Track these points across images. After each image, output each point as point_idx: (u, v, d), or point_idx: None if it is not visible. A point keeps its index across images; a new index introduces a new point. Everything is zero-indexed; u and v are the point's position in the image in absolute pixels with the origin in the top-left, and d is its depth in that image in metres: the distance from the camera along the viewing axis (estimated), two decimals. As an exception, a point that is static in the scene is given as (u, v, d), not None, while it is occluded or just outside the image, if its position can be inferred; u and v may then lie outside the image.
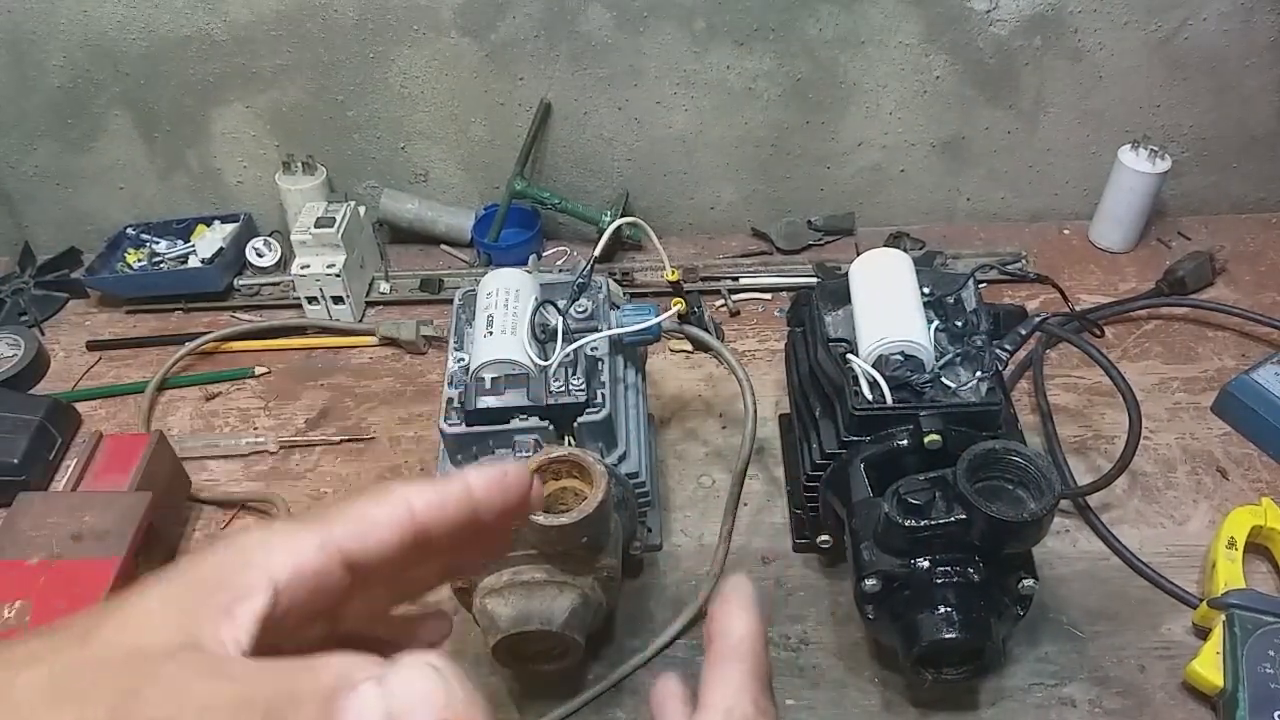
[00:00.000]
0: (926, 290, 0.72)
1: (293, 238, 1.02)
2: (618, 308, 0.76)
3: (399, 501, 0.32)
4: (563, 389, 0.68)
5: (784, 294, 1.05)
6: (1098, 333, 0.95)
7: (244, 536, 0.31)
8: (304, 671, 0.27)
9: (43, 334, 1.07)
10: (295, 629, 0.30)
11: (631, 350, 0.77)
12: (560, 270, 1.07)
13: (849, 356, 0.67)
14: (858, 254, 0.74)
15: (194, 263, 1.09)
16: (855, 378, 0.66)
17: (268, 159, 1.11)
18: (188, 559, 0.31)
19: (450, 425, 0.67)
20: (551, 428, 0.67)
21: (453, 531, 0.33)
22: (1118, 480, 0.73)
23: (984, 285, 0.97)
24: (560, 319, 0.71)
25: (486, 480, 0.34)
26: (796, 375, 0.77)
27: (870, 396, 0.65)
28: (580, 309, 0.73)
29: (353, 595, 0.32)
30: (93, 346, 1.04)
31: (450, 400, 0.69)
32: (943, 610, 0.61)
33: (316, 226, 1.01)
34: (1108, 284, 1.04)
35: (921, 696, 0.68)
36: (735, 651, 0.34)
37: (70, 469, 0.79)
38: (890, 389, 0.65)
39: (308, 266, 1.01)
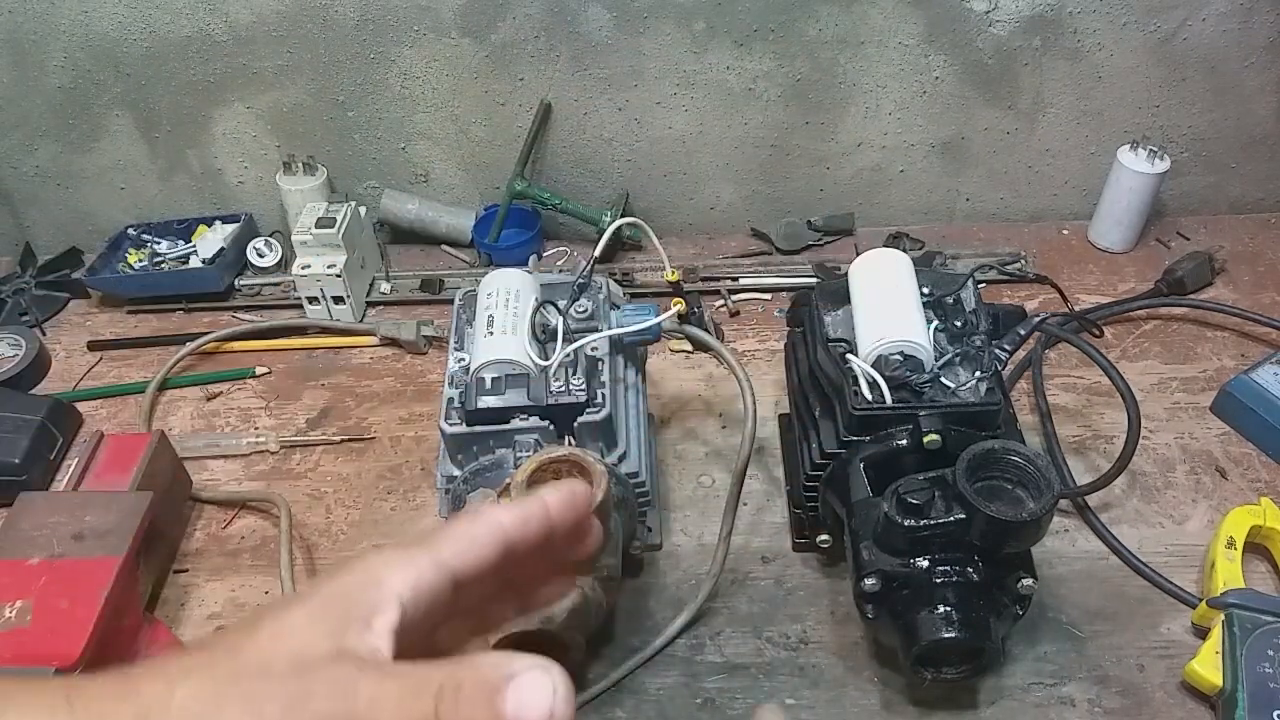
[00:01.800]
0: (926, 290, 0.72)
1: (293, 238, 1.02)
2: (618, 308, 0.76)
3: (491, 521, 0.36)
4: (563, 389, 0.68)
5: (784, 294, 1.05)
6: (1097, 333, 0.95)
7: (369, 559, 0.35)
8: (463, 666, 0.31)
9: (44, 334, 1.07)
10: (410, 645, 0.33)
11: (631, 350, 0.77)
12: (560, 270, 1.07)
13: (848, 356, 0.68)
14: (857, 254, 0.74)
15: (195, 263, 1.09)
16: (855, 378, 0.66)
17: (268, 159, 1.11)
18: (319, 580, 0.35)
19: (451, 425, 0.68)
20: (551, 428, 0.67)
21: (534, 549, 0.37)
22: (1117, 480, 0.73)
23: (983, 285, 0.98)
24: (560, 319, 0.71)
25: (559, 498, 0.38)
26: (796, 375, 0.77)
27: (870, 396, 0.65)
28: (580, 309, 0.73)
29: (449, 618, 0.36)
30: (94, 346, 1.05)
31: (451, 400, 0.69)
32: (942, 610, 0.61)
33: (317, 227, 1.01)
34: (1107, 284, 1.04)
35: (921, 695, 0.68)
36: None
37: (71, 469, 0.79)
38: (890, 389, 0.65)
39: (308, 267, 1.02)
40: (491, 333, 0.70)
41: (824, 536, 0.73)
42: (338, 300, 1.03)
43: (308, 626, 0.33)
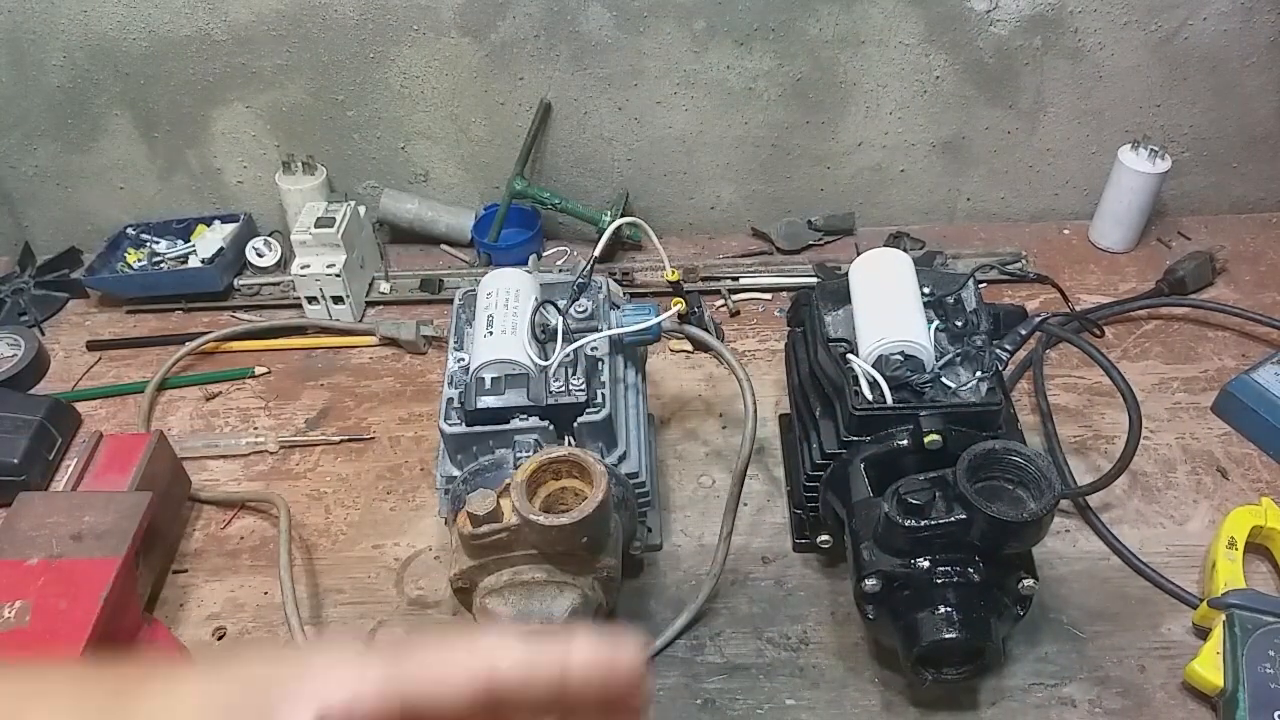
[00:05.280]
0: (926, 290, 0.72)
1: (293, 238, 1.02)
2: (618, 308, 0.76)
3: (483, 657, 0.27)
4: (563, 389, 0.68)
5: (784, 294, 1.05)
6: (1098, 333, 0.95)
7: (310, 649, 0.29)
8: None
9: (43, 334, 1.07)
10: None
11: (631, 350, 0.77)
12: (560, 270, 1.07)
13: (849, 356, 0.67)
14: (858, 254, 0.73)
15: (194, 263, 1.09)
16: (855, 378, 0.66)
17: (268, 159, 1.11)
18: (242, 655, 0.29)
19: (450, 425, 0.67)
20: (551, 428, 0.67)
21: (534, 709, 0.27)
22: (1118, 480, 0.73)
23: (984, 285, 0.98)
24: (560, 319, 0.71)
25: (592, 656, 0.27)
26: (796, 375, 0.77)
27: (870, 396, 0.65)
28: (580, 309, 0.73)
29: None
30: (93, 346, 1.04)
31: (450, 400, 0.69)
32: (943, 610, 0.61)
33: (316, 226, 1.01)
34: (1108, 284, 1.04)
35: (921, 696, 0.68)
36: None
37: (70, 469, 0.79)
38: (890, 389, 0.65)
39: (308, 266, 1.01)
40: (491, 333, 0.70)
41: (824, 537, 0.73)
42: (337, 300, 1.03)
43: (196, 709, 0.27)
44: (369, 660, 0.27)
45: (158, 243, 1.11)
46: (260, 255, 1.09)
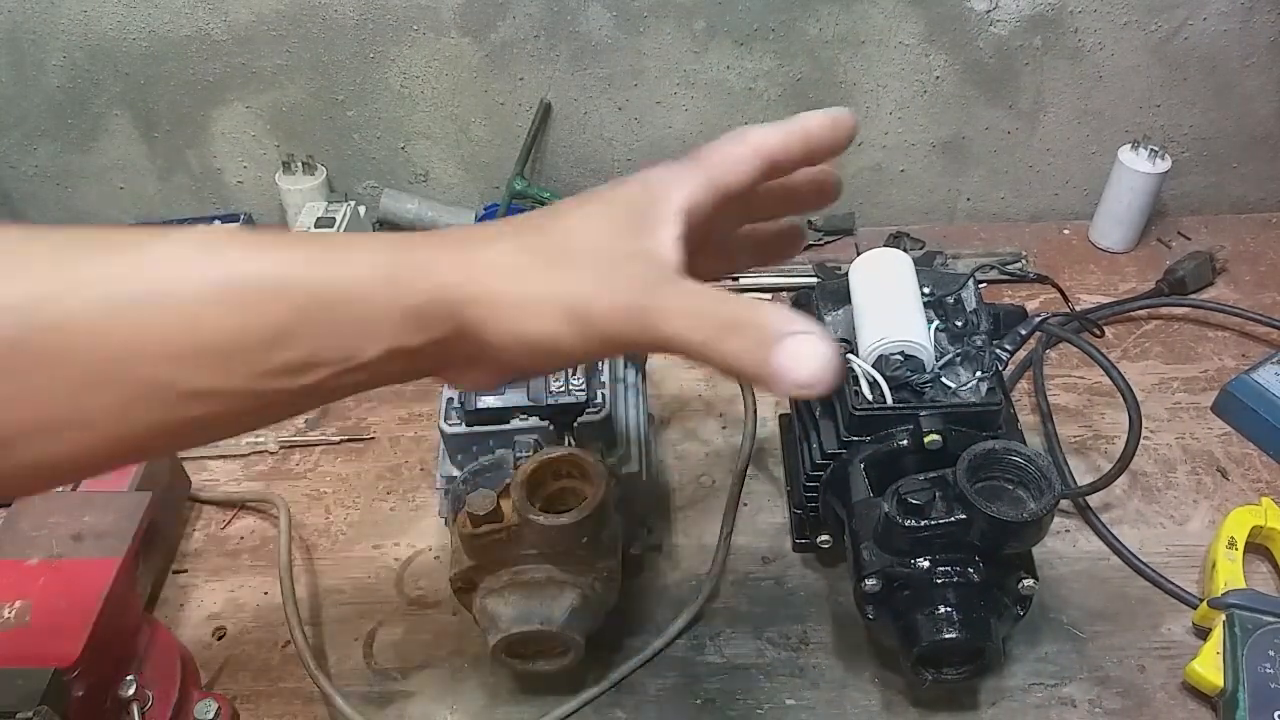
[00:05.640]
0: (926, 290, 0.71)
1: (293, 238, 1.02)
2: (618, 308, 0.76)
3: (755, 142, 0.40)
4: (562, 389, 0.68)
5: (784, 294, 1.05)
6: (1098, 333, 0.95)
7: (647, 175, 0.39)
8: (748, 306, 0.34)
9: (43, 334, 1.06)
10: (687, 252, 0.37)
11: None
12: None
13: (849, 356, 0.67)
14: (858, 254, 0.73)
15: (194, 263, 1.08)
16: (855, 377, 0.66)
17: (268, 159, 1.11)
18: (602, 190, 0.39)
19: (450, 425, 0.67)
20: (551, 427, 0.67)
21: (791, 165, 0.41)
22: (1118, 480, 0.73)
23: (984, 285, 0.98)
24: (560, 319, 0.71)
25: (820, 120, 0.41)
26: (796, 375, 0.77)
27: (870, 396, 0.65)
28: (580, 309, 0.73)
29: (703, 247, 0.40)
30: (93, 346, 1.04)
31: (450, 400, 0.69)
32: (943, 610, 0.61)
33: (317, 226, 1.01)
34: (1108, 284, 1.04)
35: (921, 697, 0.68)
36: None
37: (70, 469, 0.79)
38: (890, 389, 0.65)
39: (308, 266, 1.01)
40: (491, 333, 0.70)
41: (824, 537, 0.73)
42: (337, 300, 1.02)
43: (607, 224, 0.37)
44: (690, 170, 0.39)
45: (158, 243, 1.11)
46: (260, 255, 1.09)
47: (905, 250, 0.75)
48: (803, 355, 0.32)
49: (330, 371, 0.35)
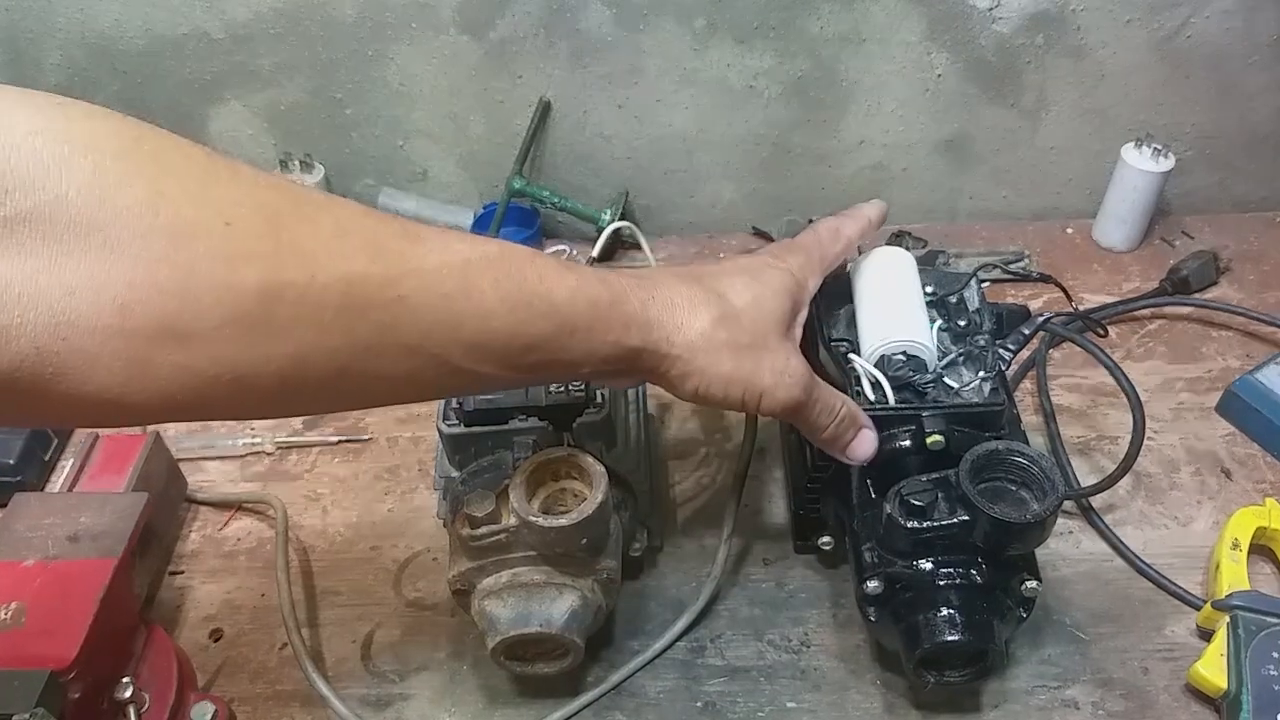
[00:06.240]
0: (929, 290, 0.71)
1: (291, 237, 1.02)
2: (617, 307, 0.75)
3: (851, 238, 0.64)
4: (561, 389, 0.67)
5: (785, 293, 1.04)
6: (1101, 332, 0.94)
7: (789, 267, 0.57)
8: (847, 402, 0.57)
9: (40, 333, 1.06)
10: None
11: (631, 350, 0.77)
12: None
13: (851, 356, 0.67)
14: (859, 253, 0.73)
15: (192, 262, 1.08)
16: (857, 378, 0.66)
17: (266, 157, 1.11)
18: (764, 276, 0.56)
19: (449, 426, 0.67)
20: (551, 427, 0.67)
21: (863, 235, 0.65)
22: (1121, 481, 0.72)
23: (987, 285, 0.97)
24: (559, 318, 0.70)
25: (878, 211, 0.67)
26: (797, 375, 0.76)
27: (872, 397, 0.65)
28: (580, 308, 0.73)
29: None
30: (90, 346, 1.04)
31: (448, 400, 0.68)
32: (945, 612, 0.60)
33: (315, 225, 1.00)
34: (1111, 283, 1.03)
35: (924, 699, 0.68)
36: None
37: (66, 470, 0.79)
38: (893, 389, 0.64)
39: (306, 266, 1.01)
40: (490, 332, 0.69)
41: (826, 538, 0.72)
42: (336, 299, 1.02)
43: (776, 315, 0.52)
44: (815, 259, 0.60)
45: (155, 242, 1.11)
46: (258, 254, 1.09)
47: (907, 249, 0.74)
48: (869, 441, 0.58)
49: (555, 373, 0.50)
